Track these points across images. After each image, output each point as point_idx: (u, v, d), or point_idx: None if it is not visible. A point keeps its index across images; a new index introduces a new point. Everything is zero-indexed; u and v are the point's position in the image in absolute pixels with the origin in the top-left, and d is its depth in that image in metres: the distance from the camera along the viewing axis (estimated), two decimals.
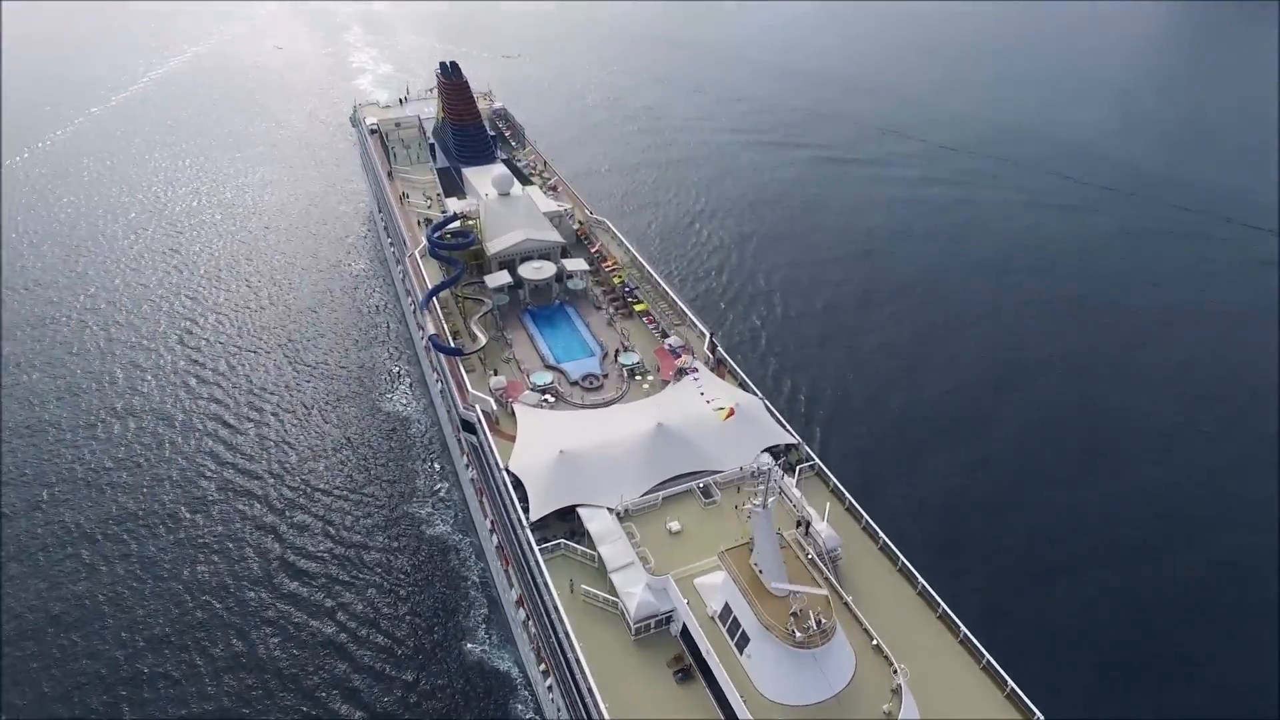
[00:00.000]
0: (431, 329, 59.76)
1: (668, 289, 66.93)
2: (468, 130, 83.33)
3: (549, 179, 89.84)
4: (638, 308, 62.88)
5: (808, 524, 43.23)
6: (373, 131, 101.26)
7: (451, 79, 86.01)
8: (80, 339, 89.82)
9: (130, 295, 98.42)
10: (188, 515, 67.96)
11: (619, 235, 75.77)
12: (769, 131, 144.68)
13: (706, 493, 46.22)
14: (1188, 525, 65.18)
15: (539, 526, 45.04)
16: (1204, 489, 68.98)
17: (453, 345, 58.98)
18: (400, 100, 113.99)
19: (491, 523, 55.80)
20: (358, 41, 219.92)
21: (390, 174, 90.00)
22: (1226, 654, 55.51)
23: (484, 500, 57.16)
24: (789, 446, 50.49)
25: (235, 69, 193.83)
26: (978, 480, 68.84)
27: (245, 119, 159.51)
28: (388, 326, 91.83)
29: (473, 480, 60.41)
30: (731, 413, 45.97)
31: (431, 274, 69.37)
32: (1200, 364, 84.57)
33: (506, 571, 53.74)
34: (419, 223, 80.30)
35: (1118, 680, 53.51)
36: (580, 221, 78.64)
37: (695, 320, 63.05)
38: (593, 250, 72.82)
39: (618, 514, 44.78)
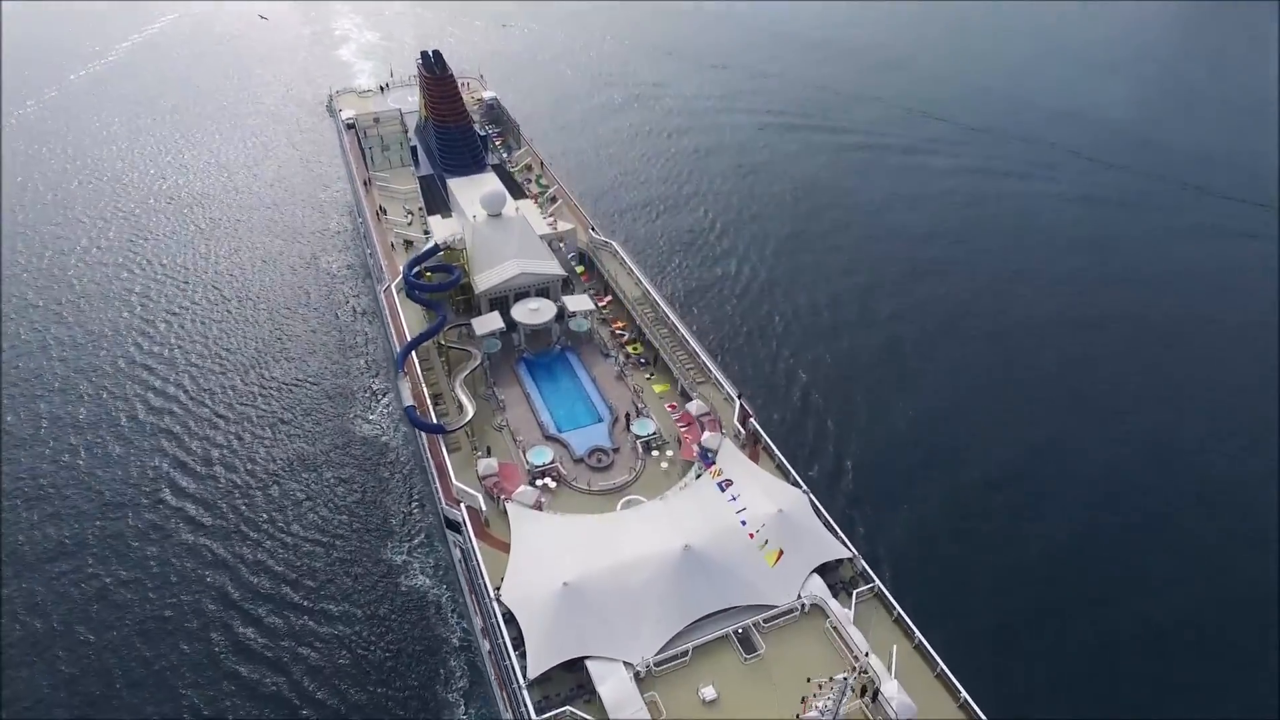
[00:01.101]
0: (408, 397, 50.21)
1: (687, 335, 57.11)
2: (453, 135, 72.47)
3: (547, 186, 79.32)
4: (657, 389, 52.89)
5: (875, 691, 34.36)
6: (349, 127, 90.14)
7: (435, 73, 74.65)
8: (14, 343, 79.92)
9: (79, 294, 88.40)
10: (133, 546, 59.78)
11: (627, 262, 65.67)
12: (788, 112, 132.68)
13: (747, 642, 37.14)
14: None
15: (539, 681, 36.17)
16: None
17: (434, 420, 49.41)
18: (381, 88, 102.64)
19: (483, 629, 46.97)
20: (343, 7, 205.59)
21: (367, 182, 79.26)
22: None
23: (474, 598, 48.31)
24: (840, 560, 41.35)
25: (212, 40, 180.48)
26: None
27: (219, 95, 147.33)
28: (367, 335, 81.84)
29: (460, 562, 51.58)
30: (780, 556, 36.62)
31: (410, 317, 59.50)
32: (1235, 371, 76.11)
33: (502, 697, 45.06)
34: (394, 244, 70.07)
35: None
36: (582, 262, 68.18)
37: (721, 380, 53.45)
38: (601, 304, 62.53)
39: (636, 672, 35.80)
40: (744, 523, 37.80)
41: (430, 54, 77.12)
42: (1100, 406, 71.86)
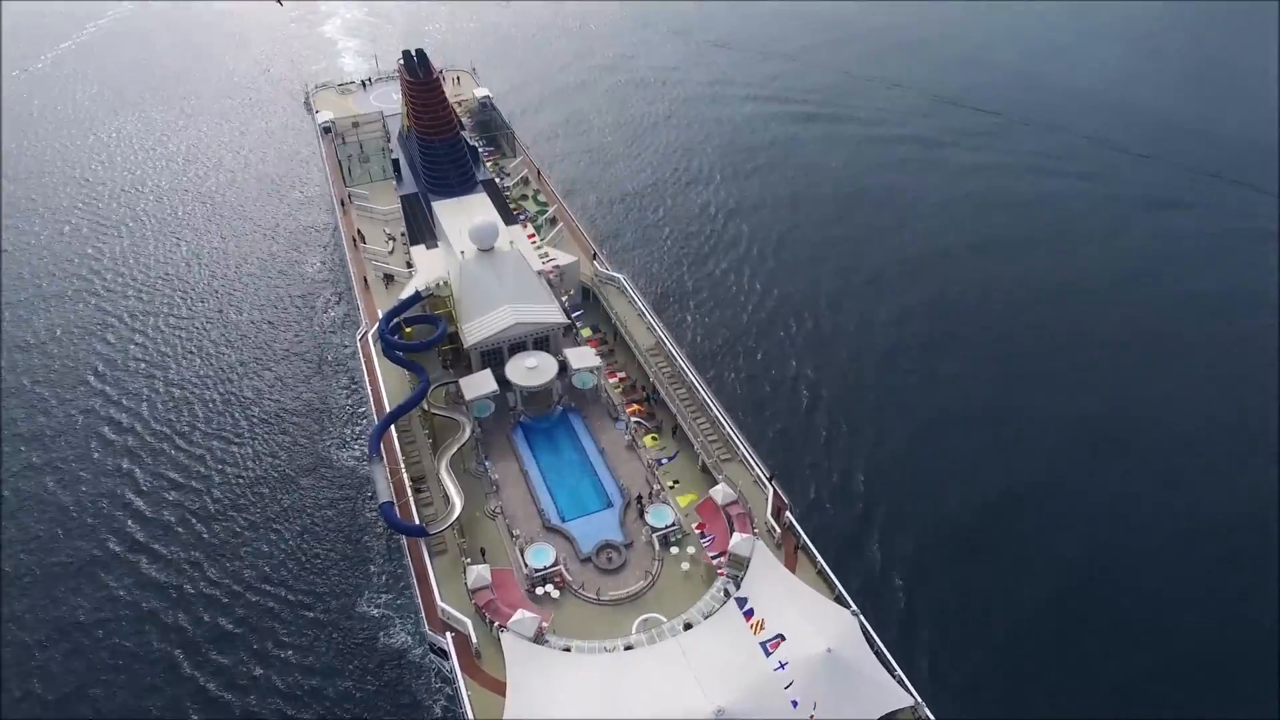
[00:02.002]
0: (384, 490, 42.76)
1: (710, 398, 49.54)
2: (439, 151, 63.92)
3: (545, 204, 71.01)
4: (682, 500, 44.85)
5: None
6: (326, 130, 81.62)
7: (419, 76, 65.66)
8: None
9: (30, 301, 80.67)
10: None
11: (637, 301, 57.72)
12: (805, 100, 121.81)
13: None
14: None
15: None
16: None
17: (416, 520, 42.04)
18: (363, 83, 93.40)
19: None
20: None
21: (344, 201, 70.90)
22: None
23: None
24: (900, 708, 34.40)
25: (190, 16, 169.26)
26: None
27: (193, 78, 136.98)
28: (346, 350, 73.81)
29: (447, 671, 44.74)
30: None
31: (389, 377, 51.81)
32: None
33: None
34: (370, 280, 62.03)
35: None
36: (586, 299, 60.47)
37: (751, 457, 46.03)
38: (612, 379, 53.81)
39: None
40: (795, 703, 30.65)
41: (413, 54, 67.96)
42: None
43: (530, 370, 50.19)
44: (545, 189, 73.23)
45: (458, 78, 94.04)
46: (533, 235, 58.40)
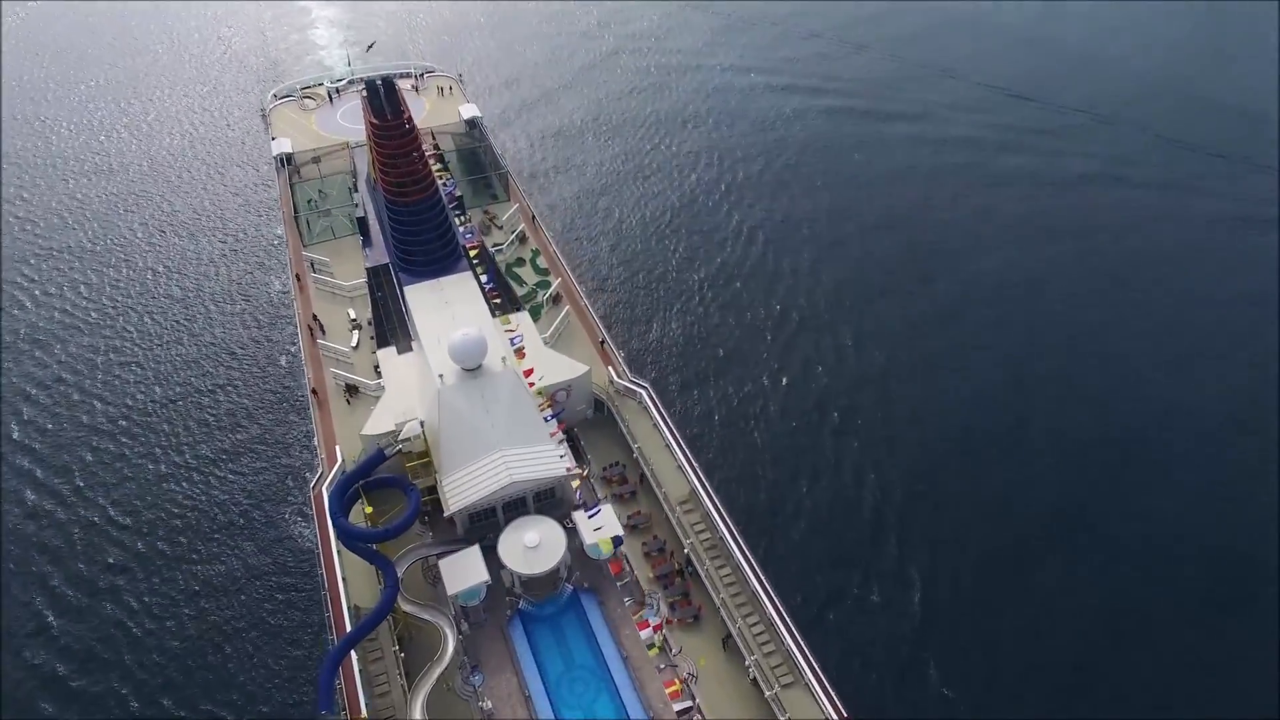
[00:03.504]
0: None
1: (766, 588, 38.21)
2: (411, 220, 50.84)
3: (545, 271, 58.41)
4: None
5: None
6: (283, 164, 68.45)
7: (386, 116, 51.39)
8: None
9: None
10: None
11: (663, 426, 45.63)
12: (847, 92, 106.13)
13: None
14: None
15: None
16: None
17: None
18: (329, 95, 79.00)
19: None
20: None
21: (300, 276, 58.01)
22: None
23: None
24: None
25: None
26: None
27: (148, 59, 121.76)
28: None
29: None
30: None
31: (348, 566, 40.14)
32: None
33: None
34: (326, 393, 49.76)
35: None
36: (599, 411, 48.79)
37: (821, 681, 34.99)
38: (636, 528, 41.64)
39: None
40: None
41: (379, 84, 53.95)
42: None
43: (531, 549, 38.88)
44: (545, 249, 60.37)
45: (450, 87, 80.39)
46: (529, 373, 44.75)
